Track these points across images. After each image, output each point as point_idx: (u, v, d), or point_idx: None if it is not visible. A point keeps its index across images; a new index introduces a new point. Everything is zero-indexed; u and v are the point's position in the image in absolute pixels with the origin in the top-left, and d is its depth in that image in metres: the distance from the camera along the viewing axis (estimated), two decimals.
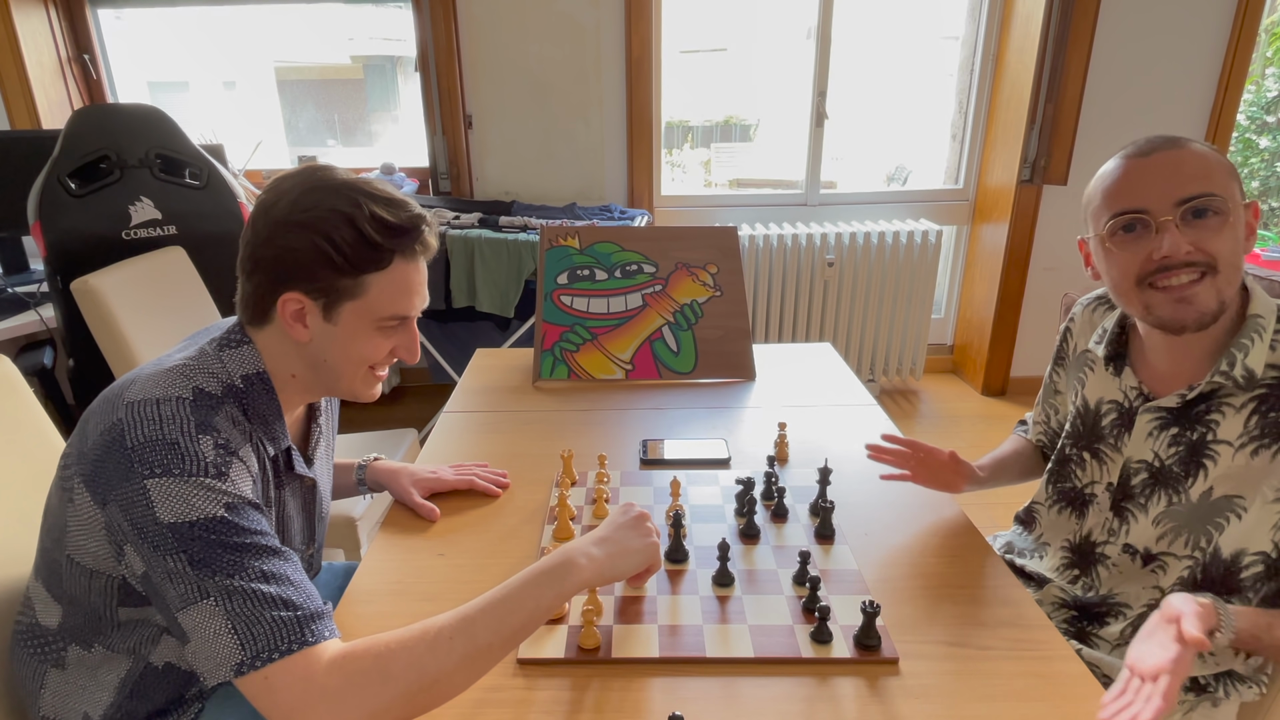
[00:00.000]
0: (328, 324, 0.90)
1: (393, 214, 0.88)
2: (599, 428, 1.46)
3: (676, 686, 0.84)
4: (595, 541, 0.87)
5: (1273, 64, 4.50)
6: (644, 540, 0.89)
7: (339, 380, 0.95)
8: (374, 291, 0.89)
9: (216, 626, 0.74)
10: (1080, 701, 0.81)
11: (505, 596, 0.79)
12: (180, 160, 2.09)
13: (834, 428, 1.44)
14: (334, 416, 1.18)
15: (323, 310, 0.89)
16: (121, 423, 0.79)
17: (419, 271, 0.94)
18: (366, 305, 0.90)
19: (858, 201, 3.35)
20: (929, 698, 0.81)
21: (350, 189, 0.87)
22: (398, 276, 0.90)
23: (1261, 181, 4.63)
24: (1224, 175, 0.92)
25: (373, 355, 0.94)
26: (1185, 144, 0.93)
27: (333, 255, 0.85)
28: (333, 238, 0.85)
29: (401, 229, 0.89)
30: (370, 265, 0.88)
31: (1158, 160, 0.93)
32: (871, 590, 0.98)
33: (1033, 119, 3.02)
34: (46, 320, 2.22)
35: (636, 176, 3.16)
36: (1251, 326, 0.93)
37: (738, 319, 1.70)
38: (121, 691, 0.91)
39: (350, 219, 0.86)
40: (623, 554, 0.87)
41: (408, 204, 0.91)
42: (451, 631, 0.76)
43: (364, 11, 3.36)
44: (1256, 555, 0.95)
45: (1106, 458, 1.09)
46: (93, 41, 3.07)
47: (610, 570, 0.86)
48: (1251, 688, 0.99)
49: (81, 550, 0.84)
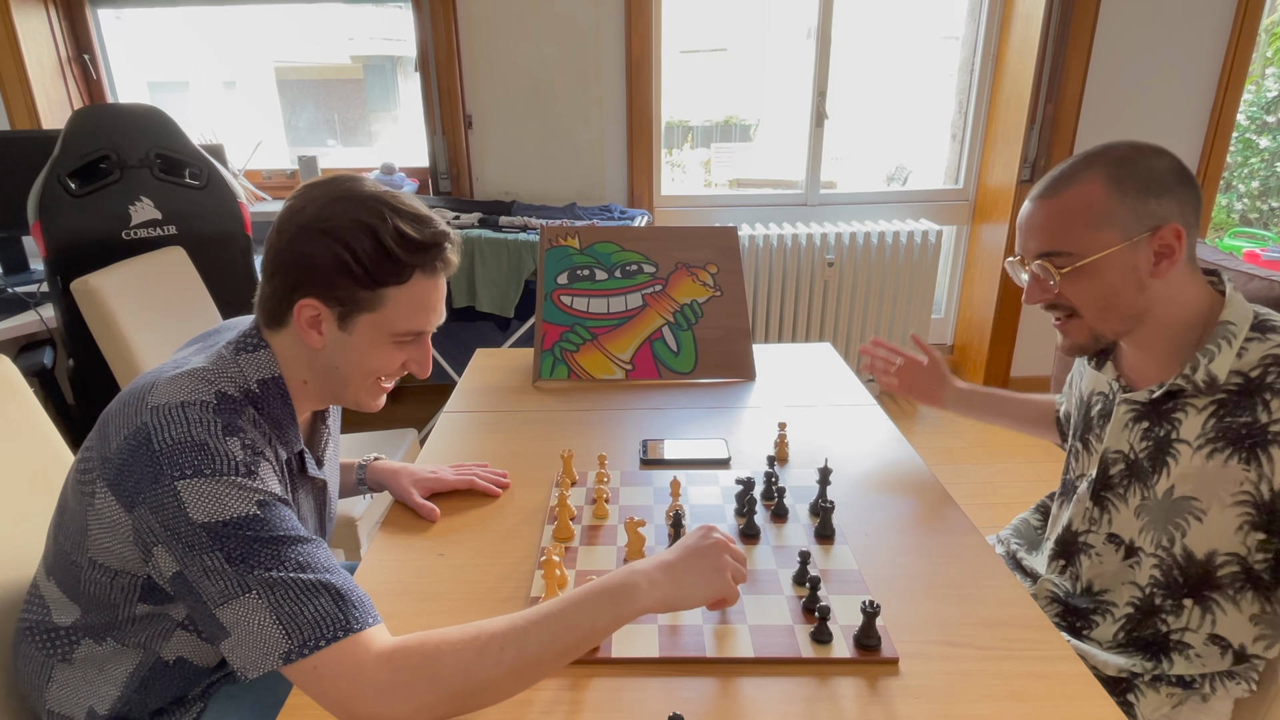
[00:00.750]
0: (342, 333, 0.90)
1: (417, 230, 0.88)
2: (599, 428, 1.46)
3: (676, 686, 0.83)
4: (661, 566, 0.82)
5: (1273, 64, 4.50)
6: (715, 569, 0.83)
7: (345, 389, 0.95)
8: (391, 305, 0.89)
9: (261, 619, 0.74)
10: (1080, 701, 0.81)
11: (561, 612, 0.77)
12: (180, 160, 2.09)
13: (834, 428, 1.44)
14: (338, 417, 1.18)
15: (338, 319, 0.89)
16: (147, 426, 0.79)
17: (438, 289, 0.94)
18: (383, 318, 0.90)
19: (858, 201, 3.35)
20: (929, 698, 0.81)
21: (377, 201, 0.87)
22: (417, 292, 0.90)
23: (1261, 181, 4.63)
24: (1081, 227, 0.95)
25: (385, 368, 0.94)
26: (1056, 192, 0.97)
27: (352, 265, 0.86)
28: (354, 248, 0.85)
29: (424, 245, 0.89)
30: (390, 279, 0.88)
31: (1027, 211, 1.00)
32: (871, 590, 0.98)
33: (1033, 119, 3.02)
34: (46, 320, 2.22)
35: (636, 176, 3.16)
36: (1220, 333, 0.95)
37: (738, 319, 1.70)
38: (129, 686, 0.91)
39: (373, 231, 0.86)
40: (691, 584, 0.82)
41: (433, 221, 0.91)
42: (503, 641, 0.75)
43: (364, 11, 3.36)
44: (1229, 556, 0.97)
45: (1093, 449, 1.12)
46: (93, 41, 3.07)
47: (674, 599, 0.81)
48: (1240, 684, 0.99)
49: (105, 552, 0.85)
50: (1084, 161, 0.96)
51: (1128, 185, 0.93)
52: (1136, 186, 0.93)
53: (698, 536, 0.86)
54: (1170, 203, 0.93)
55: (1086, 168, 0.95)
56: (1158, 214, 0.93)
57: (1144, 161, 0.94)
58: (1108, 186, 0.93)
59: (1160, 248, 0.94)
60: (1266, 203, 4.66)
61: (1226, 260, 2.23)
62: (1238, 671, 1.00)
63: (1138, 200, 0.93)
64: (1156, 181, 0.93)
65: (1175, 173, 0.94)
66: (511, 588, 1.00)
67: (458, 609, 0.96)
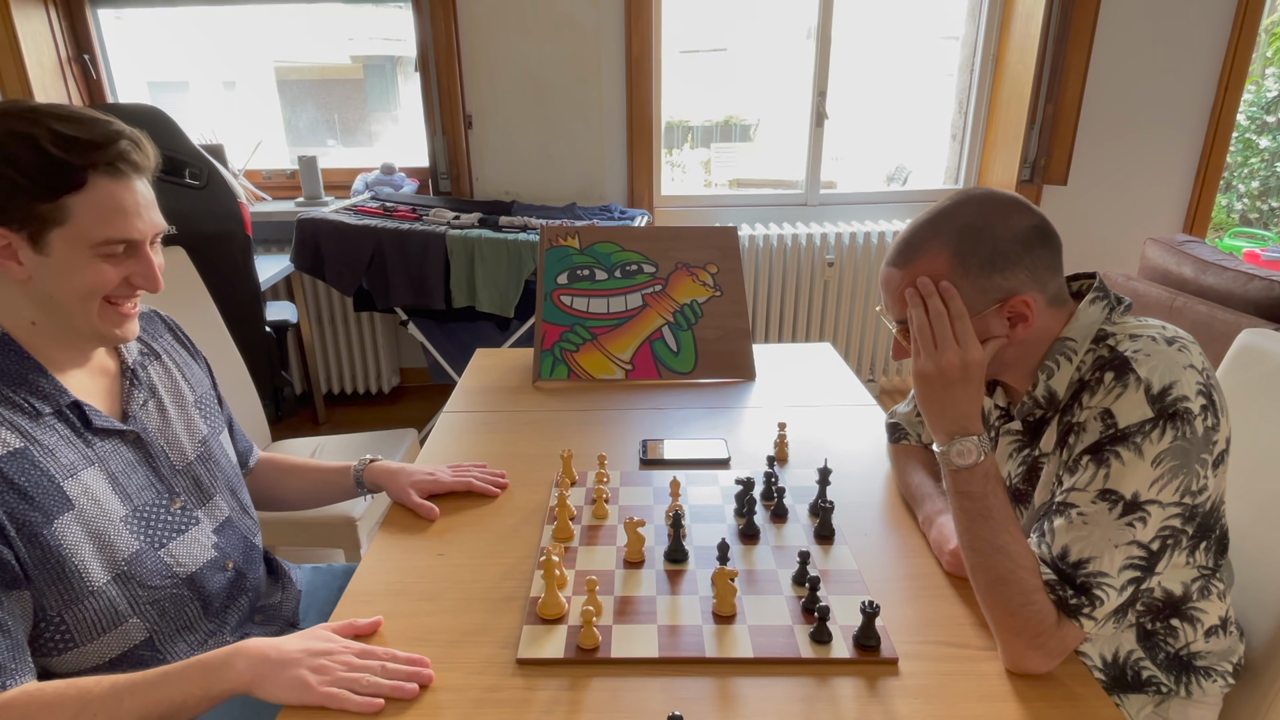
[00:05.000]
0: (41, 256, 0.86)
1: (78, 130, 0.84)
2: (599, 428, 1.46)
3: (676, 686, 0.83)
4: (271, 648, 0.83)
5: (1273, 64, 4.50)
6: (315, 669, 0.81)
7: (73, 318, 0.90)
8: (79, 214, 0.85)
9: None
10: (1080, 701, 0.81)
11: (160, 680, 0.80)
12: (180, 160, 2.09)
13: (834, 428, 1.44)
14: (187, 367, 1.13)
15: (30, 242, 0.85)
16: None
17: (131, 191, 0.89)
18: (76, 231, 0.85)
19: (858, 201, 3.35)
20: (929, 698, 0.81)
21: (30, 111, 0.84)
22: (102, 197, 0.86)
23: (1261, 181, 4.63)
24: None
25: (101, 285, 0.89)
26: (905, 263, 0.94)
27: (18, 179, 0.82)
28: (15, 161, 0.82)
29: (91, 144, 0.85)
30: (64, 185, 0.84)
31: (883, 274, 0.99)
32: (871, 590, 0.98)
33: (1033, 119, 3.02)
34: None
35: (636, 176, 3.16)
36: (1057, 349, 0.93)
37: (738, 319, 1.70)
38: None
39: (30, 139, 0.82)
40: (287, 679, 0.80)
41: (98, 120, 0.87)
42: (99, 706, 0.78)
43: (364, 11, 3.36)
44: None
45: None
46: (93, 41, 3.07)
47: (267, 681, 0.80)
48: (1215, 681, 0.98)
49: None
50: (931, 227, 0.93)
51: (970, 260, 0.90)
52: (979, 262, 0.89)
53: (313, 636, 0.86)
54: (1018, 273, 0.90)
55: (934, 235, 0.92)
56: (1003, 287, 0.90)
57: (990, 231, 0.90)
58: (951, 262, 0.90)
59: (1011, 315, 0.91)
60: (1266, 203, 4.66)
61: (1226, 260, 2.23)
62: (1214, 667, 0.98)
63: (981, 275, 0.90)
64: (1001, 254, 0.89)
65: (1024, 238, 0.90)
66: (511, 588, 1.00)
67: (458, 609, 0.96)
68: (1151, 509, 0.83)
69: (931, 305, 0.91)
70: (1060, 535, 0.86)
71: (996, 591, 0.85)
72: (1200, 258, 2.25)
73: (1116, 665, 0.99)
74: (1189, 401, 0.83)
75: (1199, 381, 0.85)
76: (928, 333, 0.91)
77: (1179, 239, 2.42)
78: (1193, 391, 0.84)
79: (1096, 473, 0.85)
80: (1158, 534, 0.83)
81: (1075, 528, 0.85)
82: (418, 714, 0.80)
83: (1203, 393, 0.84)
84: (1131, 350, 0.87)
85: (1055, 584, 0.85)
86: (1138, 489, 0.83)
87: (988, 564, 0.86)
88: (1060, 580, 0.85)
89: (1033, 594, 0.83)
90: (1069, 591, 0.84)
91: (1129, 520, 0.83)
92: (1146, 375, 0.84)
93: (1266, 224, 4.60)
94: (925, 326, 0.91)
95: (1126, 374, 0.86)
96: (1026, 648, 0.83)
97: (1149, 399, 0.84)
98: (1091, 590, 0.83)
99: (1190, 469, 0.83)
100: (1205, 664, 0.98)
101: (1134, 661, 0.98)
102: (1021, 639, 0.83)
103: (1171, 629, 0.97)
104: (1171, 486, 0.83)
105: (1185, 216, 3.27)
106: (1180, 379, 0.84)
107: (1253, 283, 2.05)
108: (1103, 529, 0.83)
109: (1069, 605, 0.83)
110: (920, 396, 0.94)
